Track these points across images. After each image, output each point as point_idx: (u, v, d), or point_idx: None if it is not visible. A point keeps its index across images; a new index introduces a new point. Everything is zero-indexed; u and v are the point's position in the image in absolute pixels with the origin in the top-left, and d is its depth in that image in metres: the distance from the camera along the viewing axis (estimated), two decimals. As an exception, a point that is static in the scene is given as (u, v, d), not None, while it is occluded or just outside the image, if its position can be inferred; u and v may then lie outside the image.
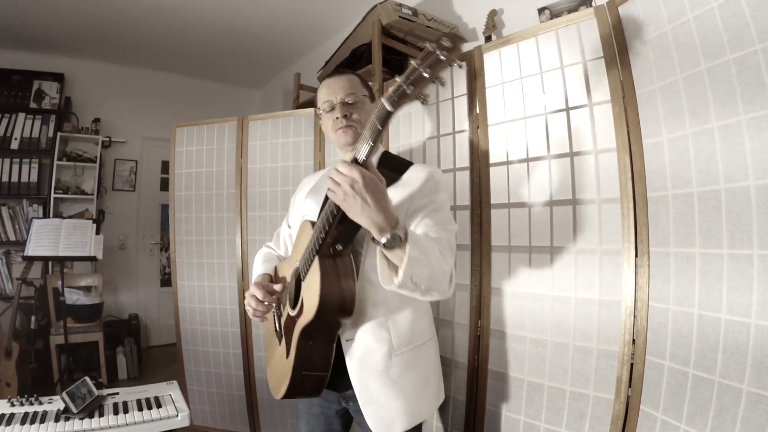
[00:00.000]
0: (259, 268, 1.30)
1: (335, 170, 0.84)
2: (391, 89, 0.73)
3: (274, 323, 1.25)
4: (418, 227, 1.03)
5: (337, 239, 0.99)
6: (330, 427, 1.20)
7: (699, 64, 1.01)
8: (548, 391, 1.29)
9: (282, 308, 1.19)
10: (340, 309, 0.98)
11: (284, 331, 1.15)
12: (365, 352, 1.05)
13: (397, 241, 0.84)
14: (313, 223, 1.06)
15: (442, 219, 1.05)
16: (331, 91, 1.16)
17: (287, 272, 1.19)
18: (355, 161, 0.82)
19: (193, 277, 2.36)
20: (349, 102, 1.14)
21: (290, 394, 1.10)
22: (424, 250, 0.89)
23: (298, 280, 1.09)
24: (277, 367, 1.18)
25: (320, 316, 0.97)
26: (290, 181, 2.15)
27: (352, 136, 1.13)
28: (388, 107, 0.73)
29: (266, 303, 1.14)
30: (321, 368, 1.07)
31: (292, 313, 1.08)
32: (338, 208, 0.88)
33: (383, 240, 0.84)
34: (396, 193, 1.05)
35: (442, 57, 0.68)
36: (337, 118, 1.14)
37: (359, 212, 0.82)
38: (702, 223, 1.00)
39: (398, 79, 0.72)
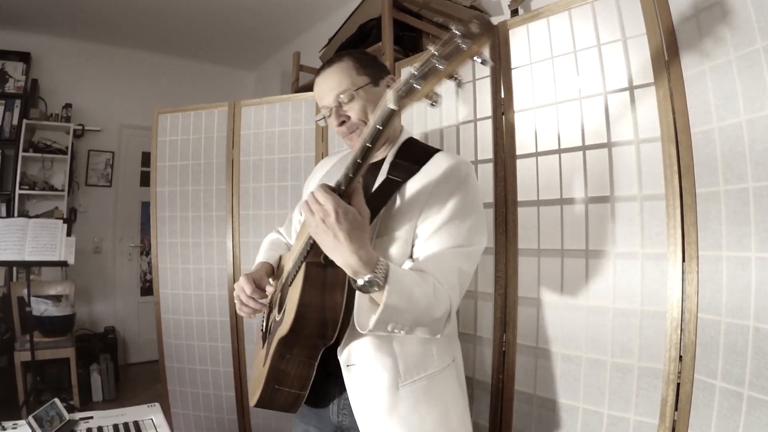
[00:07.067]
0: (261, 255, 1.32)
1: (311, 194, 0.85)
2: (400, 81, 0.70)
3: (263, 321, 1.28)
4: (428, 242, 1.00)
5: None
6: None
7: (755, 42, 1.03)
8: (583, 414, 1.32)
9: (273, 308, 1.22)
10: (319, 327, 0.99)
11: (268, 334, 1.17)
12: (368, 382, 1.04)
13: (375, 285, 0.85)
14: None
15: (461, 235, 1.00)
16: (321, 95, 1.14)
17: (289, 265, 1.19)
18: (334, 189, 0.84)
19: (178, 284, 2.41)
20: (345, 101, 1.10)
21: (261, 404, 1.12)
22: (409, 296, 0.88)
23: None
24: (257, 370, 1.21)
25: (295, 330, 0.98)
26: (289, 175, 2.20)
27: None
28: (392, 105, 0.71)
29: (255, 300, 1.15)
30: (296, 387, 1.08)
31: (277, 318, 1.11)
32: None
33: (358, 283, 0.86)
34: (413, 186, 1.03)
35: (462, 46, 0.61)
36: (337, 126, 1.13)
37: (331, 248, 0.85)
38: (759, 223, 1.02)
39: (412, 69, 0.69)
